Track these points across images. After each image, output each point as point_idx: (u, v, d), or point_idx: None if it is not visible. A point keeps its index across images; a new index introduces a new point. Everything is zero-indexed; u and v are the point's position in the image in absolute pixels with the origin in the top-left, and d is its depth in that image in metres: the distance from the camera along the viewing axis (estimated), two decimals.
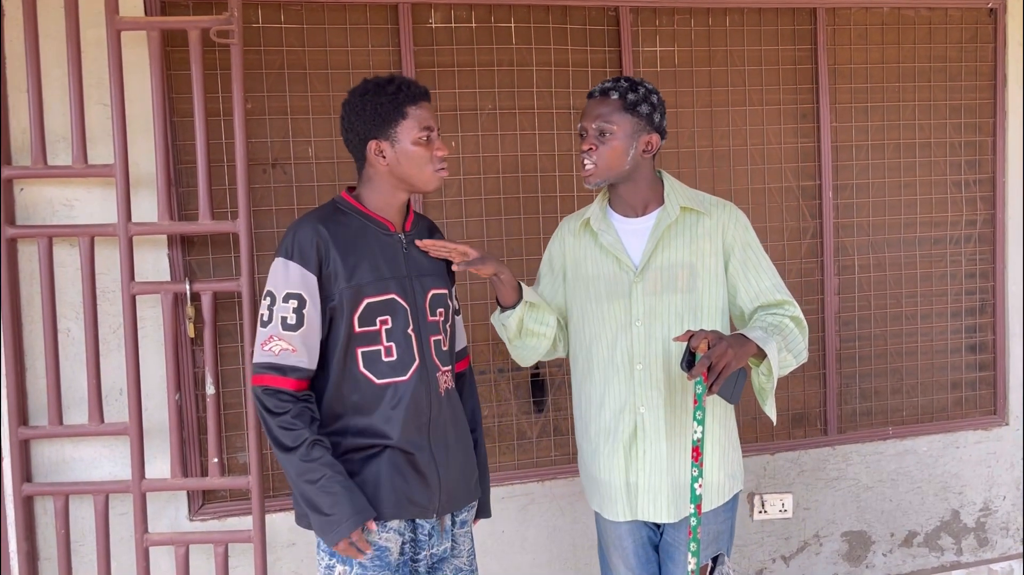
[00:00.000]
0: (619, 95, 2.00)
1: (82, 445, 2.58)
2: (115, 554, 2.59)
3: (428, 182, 1.92)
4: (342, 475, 1.82)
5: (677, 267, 2.03)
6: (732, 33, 3.04)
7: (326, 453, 1.83)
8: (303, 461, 1.81)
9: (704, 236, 2.04)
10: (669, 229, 2.05)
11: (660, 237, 2.04)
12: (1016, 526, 3.41)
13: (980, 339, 3.37)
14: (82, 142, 2.44)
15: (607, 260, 2.08)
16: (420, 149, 1.89)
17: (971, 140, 3.30)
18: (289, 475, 1.84)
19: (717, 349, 1.82)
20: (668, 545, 2.10)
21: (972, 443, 3.34)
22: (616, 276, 2.07)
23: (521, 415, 2.96)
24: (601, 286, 2.08)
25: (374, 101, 1.88)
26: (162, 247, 2.60)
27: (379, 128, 1.88)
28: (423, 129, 1.89)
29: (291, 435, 1.82)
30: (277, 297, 1.85)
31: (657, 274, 2.04)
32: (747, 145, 3.08)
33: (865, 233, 3.22)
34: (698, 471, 1.91)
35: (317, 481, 1.81)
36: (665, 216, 2.04)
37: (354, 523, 1.81)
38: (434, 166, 1.91)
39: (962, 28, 3.25)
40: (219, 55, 2.60)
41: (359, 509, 1.82)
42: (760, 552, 3.15)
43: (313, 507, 1.82)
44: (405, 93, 1.88)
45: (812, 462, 3.18)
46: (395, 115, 1.87)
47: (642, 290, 2.04)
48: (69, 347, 2.56)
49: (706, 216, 2.06)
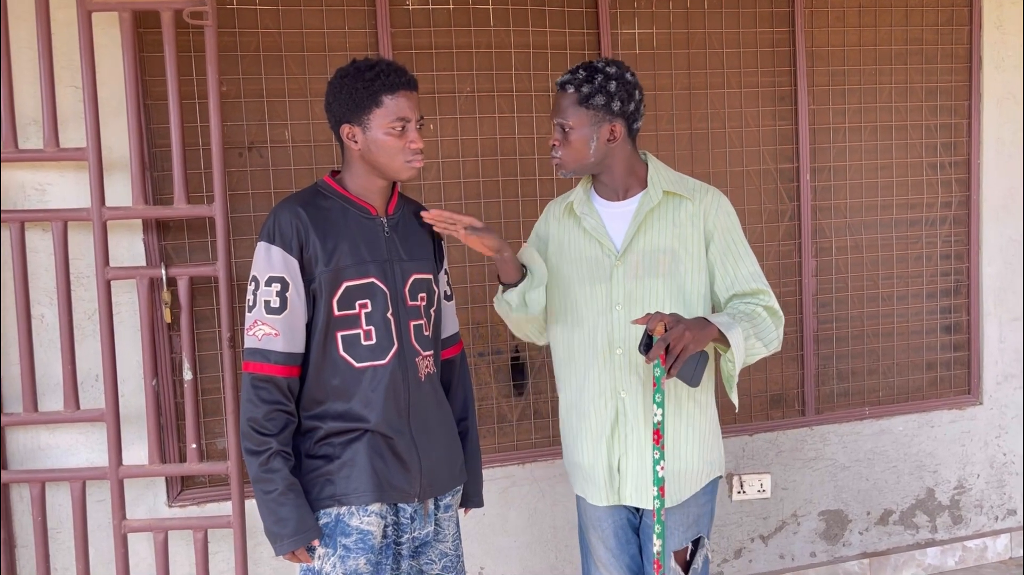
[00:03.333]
0: (574, 88, 1.99)
1: (58, 432, 2.55)
2: (93, 541, 2.58)
3: (398, 172, 1.90)
4: (294, 492, 1.85)
5: (659, 252, 2.02)
6: (710, 15, 3.04)
7: (285, 466, 1.85)
8: (261, 470, 1.83)
9: (687, 221, 2.04)
10: (651, 213, 2.04)
11: (642, 221, 2.03)
12: (990, 504, 3.47)
13: (955, 320, 3.41)
14: (53, 125, 2.41)
15: (590, 244, 2.07)
16: (391, 139, 1.85)
17: (947, 123, 3.32)
18: (248, 472, 1.87)
19: (674, 332, 1.83)
20: (648, 527, 2.11)
21: (947, 422, 3.39)
22: (598, 260, 2.06)
23: (501, 398, 2.97)
24: (584, 270, 2.07)
25: (351, 85, 1.85)
26: (137, 232, 2.57)
27: (352, 113, 1.86)
28: (397, 119, 1.84)
29: (257, 439, 1.83)
30: (260, 281, 1.85)
31: (639, 258, 2.03)
32: (725, 127, 3.08)
33: (842, 215, 3.24)
34: (660, 454, 1.92)
35: (270, 493, 1.83)
36: (647, 200, 2.04)
37: (296, 543, 1.84)
38: (405, 157, 1.87)
39: (938, 11, 3.27)
40: (193, 37, 2.57)
41: (304, 529, 1.85)
42: (739, 532, 3.19)
43: (264, 514, 1.86)
44: (382, 81, 1.84)
45: (790, 443, 3.21)
46: (369, 102, 1.84)
47: (623, 274, 2.04)
48: (43, 333, 2.53)
49: (689, 200, 2.05)
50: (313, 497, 1.88)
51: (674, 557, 2.09)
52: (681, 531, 2.09)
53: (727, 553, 3.18)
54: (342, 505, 1.88)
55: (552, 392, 2.99)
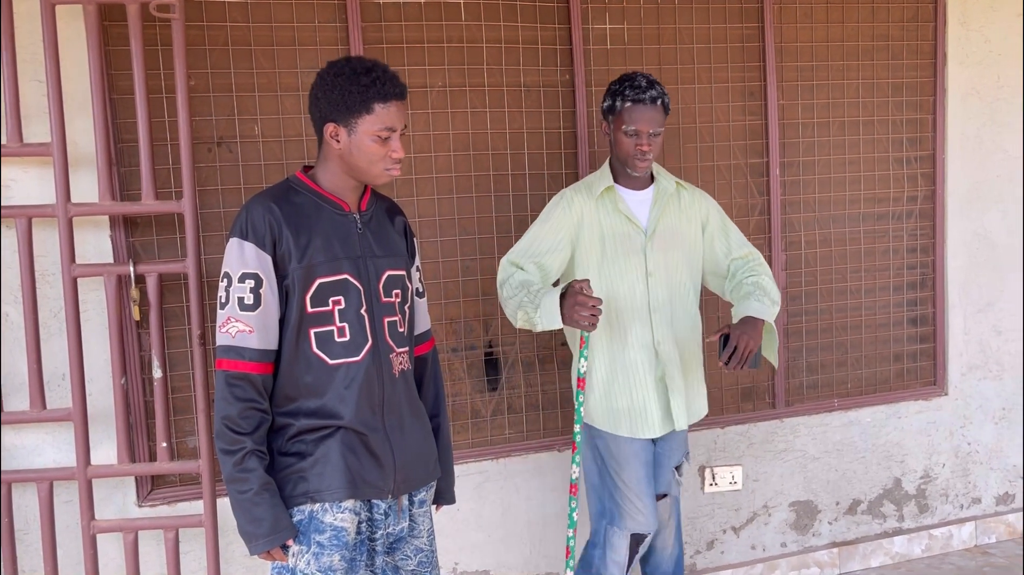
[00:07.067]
0: (661, 101, 2.45)
1: (23, 432, 2.51)
2: (61, 542, 2.54)
3: (375, 178, 1.90)
4: (269, 492, 1.83)
5: (674, 230, 2.53)
6: (681, 11, 3.06)
7: (260, 466, 1.83)
8: (236, 469, 1.82)
9: (689, 207, 2.56)
10: (669, 200, 2.53)
11: (664, 205, 2.52)
12: (955, 493, 3.54)
13: (921, 312, 3.46)
14: (16, 120, 2.36)
15: (622, 222, 2.49)
16: (375, 146, 1.85)
17: (912, 118, 3.37)
18: (222, 472, 1.85)
19: (742, 339, 2.30)
20: (659, 454, 2.60)
21: (913, 413, 3.45)
22: (630, 236, 2.49)
23: (475, 394, 2.96)
24: (618, 244, 2.48)
25: (344, 86, 1.82)
26: (104, 228, 2.53)
27: (340, 114, 1.84)
28: (385, 128, 1.84)
29: (231, 438, 1.82)
30: (233, 277, 1.82)
31: (663, 235, 2.51)
32: (696, 123, 3.11)
33: (811, 209, 3.28)
34: (584, 397, 2.38)
35: (245, 492, 1.82)
36: (663, 190, 2.53)
37: (271, 543, 1.83)
38: (384, 164, 1.88)
39: (904, 8, 3.31)
40: (160, 30, 2.53)
41: (280, 528, 1.84)
42: (711, 524, 3.22)
43: (238, 514, 1.84)
44: (377, 89, 1.83)
45: (761, 435, 3.25)
46: (360, 107, 1.83)
47: (653, 248, 2.49)
48: (8, 332, 2.48)
49: (686, 191, 2.58)
50: (286, 494, 1.87)
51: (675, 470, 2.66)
52: (680, 450, 2.64)
53: (699, 545, 3.21)
54: (315, 502, 1.86)
55: (526, 387, 2.99)
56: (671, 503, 2.68)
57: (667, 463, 2.62)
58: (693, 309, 2.58)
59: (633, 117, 2.39)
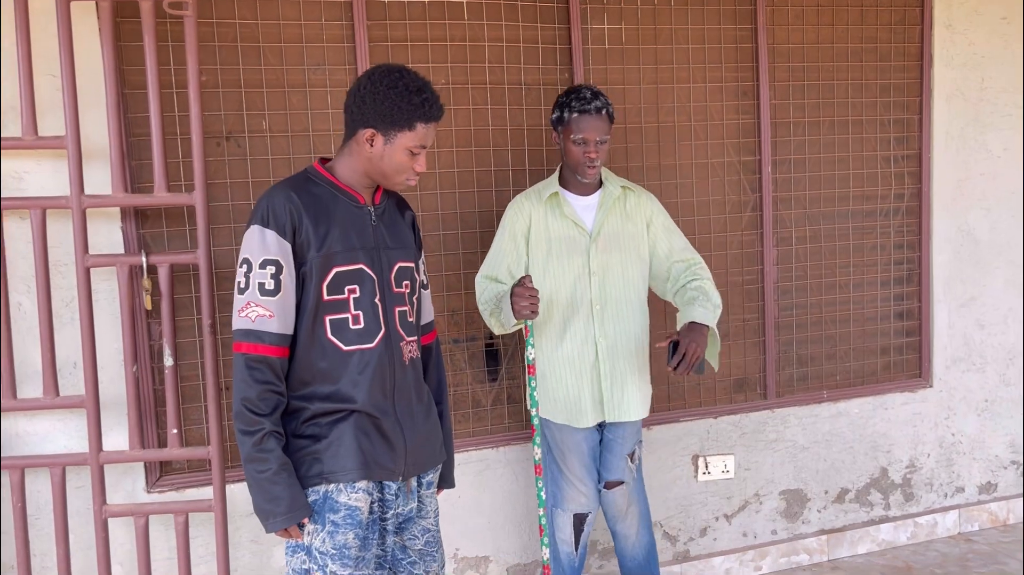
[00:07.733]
0: (607, 110, 2.58)
1: (36, 419, 2.56)
2: (72, 527, 2.59)
3: (395, 185, 2.01)
4: (287, 472, 1.89)
5: (619, 232, 2.66)
6: (677, 12, 3.14)
7: (278, 446, 1.89)
8: (255, 449, 1.88)
9: (634, 209, 2.69)
10: (614, 203, 2.66)
11: (609, 209, 2.64)
12: (939, 482, 3.64)
13: (907, 307, 3.56)
14: (32, 114, 2.41)
15: (567, 226, 2.63)
16: (406, 159, 1.95)
17: (899, 118, 3.47)
18: (240, 452, 1.91)
19: (690, 347, 2.41)
20: (609, 440, 2.72)
21: (899, 405, 3.54)
22: (575, 239, 2.63)
23: (476, 384, 3.04)
24: (563, 246, 2.62)
25: (395, 100, 1.90)
26: (115, 220, 2.58)
27: (383, 123, 1.91)
28: (419, 146, 1.95)
29: (251, 419, 1.87)
30: (254, 263, 1.88)
31: (607, 237, 2.64)
32: (691, 121, 3.19)
33: (802, 206, 3.37)
34: (535, 383, 2.53)
35: (264, 472, 1.88)
36: (609, 195, 2.65)
37: (288, 520, 1.90)
38: (407, 175, 1.98)
39: (891, 11, 3.41)
40: (171, 26, 2.59)
41: (297, 507, 1.90)
42: (704, 511, 3.30)
43: (255, 493, 1.90)
44: (425, 110, 1.92)
45: (752, 425, 3.34)
46: (404, 123, 1.91)
47: (596, 250, 2.63)
48: (21, 321, 2.53)
49: (633, 194, 2.70)
50: (301, 474, 1.93)
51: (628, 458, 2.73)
52: (632, 439, 2.74)
53: (693, 532, 3.29)
54: (330, 483, 1.93)
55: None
56: (630, 490, 2.75)
57: (619, 450, 2.71)
58: (639, 307, 2.69)
59: (580, 127, 2.52)
